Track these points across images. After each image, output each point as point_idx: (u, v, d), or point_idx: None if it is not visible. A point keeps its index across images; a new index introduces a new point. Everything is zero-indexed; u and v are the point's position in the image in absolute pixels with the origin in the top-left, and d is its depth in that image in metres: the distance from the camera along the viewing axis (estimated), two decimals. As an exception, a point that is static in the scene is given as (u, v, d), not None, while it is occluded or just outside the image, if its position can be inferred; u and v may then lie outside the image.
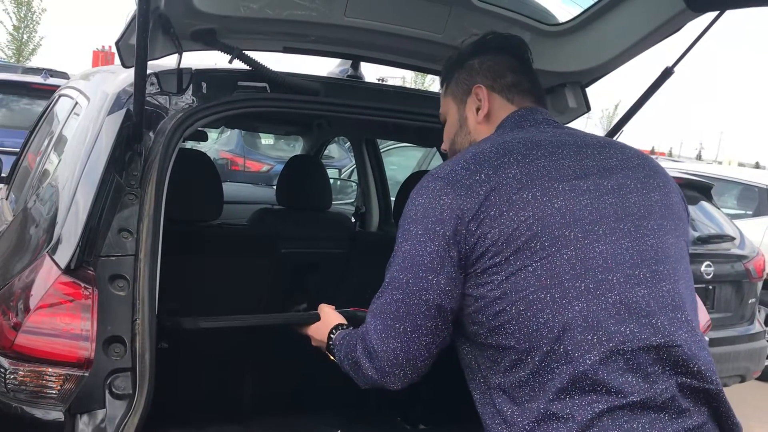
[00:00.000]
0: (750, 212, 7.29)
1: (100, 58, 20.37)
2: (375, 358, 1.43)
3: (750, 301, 4.94)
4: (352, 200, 5.15)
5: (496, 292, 1.31)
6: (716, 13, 1.95)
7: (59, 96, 3.11)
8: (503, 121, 1.53)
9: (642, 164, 1.49)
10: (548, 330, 1.29)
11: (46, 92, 6.57)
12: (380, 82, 3.64)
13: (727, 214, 5.91)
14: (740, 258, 4.97)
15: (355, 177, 5.17)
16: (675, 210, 1.48)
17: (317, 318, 1.87)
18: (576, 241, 1.33)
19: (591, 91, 2.40)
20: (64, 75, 8.68)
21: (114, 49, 1.92)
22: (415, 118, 2.33)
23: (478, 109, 1.56)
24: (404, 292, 1.37)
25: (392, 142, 6.24)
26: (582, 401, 1.26)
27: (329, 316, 1.84)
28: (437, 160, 5.29)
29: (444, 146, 1.67)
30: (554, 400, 1.27)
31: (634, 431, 1.25)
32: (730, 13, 1.92)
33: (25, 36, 28.41)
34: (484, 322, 1.34)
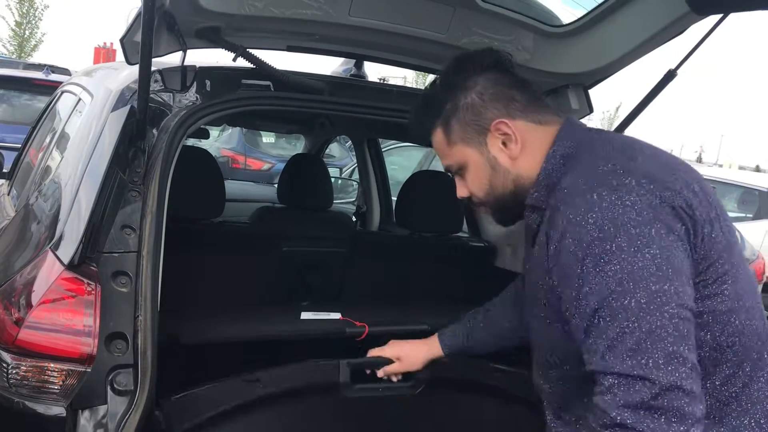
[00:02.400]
0: (750, 215, 7.31)
1: (102, 54, 20.36)
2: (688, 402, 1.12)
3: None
4: (353, 199, 5.14)
5: (726, 304, 1.21)
6: (720, 15, 1.95)
7: (62, 92, 3.12)
8: (554, 151, 1.36)
9: None
10: (758, 336, 1.24)
11: (48, 88, 6.57)
12: (382, 81, 3.64)
13: (728, 217, 5.88)
14: (740, 261, 4.96)
15: (356, 176, 5.18)
16: None
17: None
18: (742, 260, 1.29)
19: (592, 92, 2.41)
20: (65, 71, 8.70)
21: (116, 46, 1.93)
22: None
23: (504, 143, 1.40)
24: (678, 304, 1.13)
25: (394, 141, 6.24)
26: None
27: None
28: (438, 161, 5.28)
29: (478, 196, 1.48)
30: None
31: None
32: (733, 16, 1.92)
33: (27, 32, 28.42)
34: (707, 340, 1.20)
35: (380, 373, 1.93)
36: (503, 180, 1.42)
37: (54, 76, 7.76)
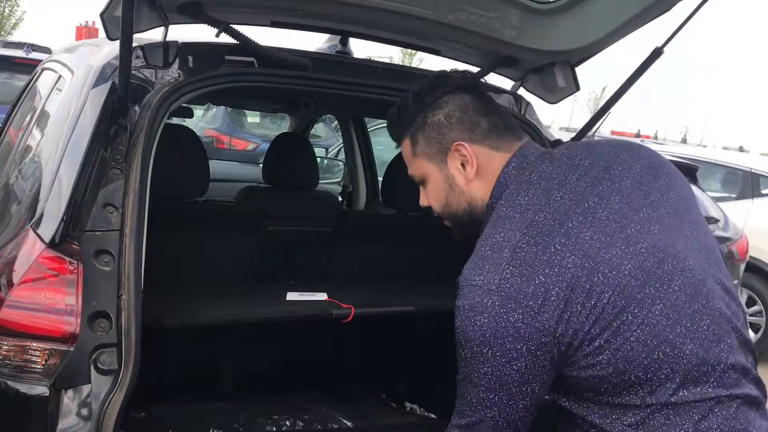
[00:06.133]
0: (734, 195, 7.35)
1: (84, 33, 20.02)
2: None
3: (733, 283, 4.99)
4: (339, 179, 5.13)
5: (608, 369, 1.29)
6: (707, -7, 1.94)
7: (42, 70, 3.06)
8: (501, 178, 1.45)
9: (647, 166, 1.43)
10: (670, 382, 1.28)
11: (28, 66, 6.47)
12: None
13: (712, 197, 5.95)
14: (724, 240, 5.01)
15: (342, 156, 5.15)
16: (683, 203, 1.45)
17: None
18: (658, 293, 1.30)
19: (579, 72, 2.40)
20: (46, 50, 8.56)
21: (98, 25, 1.89)
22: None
23: (463, 165, 1.48)
24: (500, 408, 1.33)
25: (379, 121, 6.21)
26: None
27: None
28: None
29: (435, 209, 1.57)
30: None
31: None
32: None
33: (6, 10, 27.95)
34: (603, 390, 1.31)
35: None
36: (458, 199, 1.51)
37: (34, 55, 7.66)
